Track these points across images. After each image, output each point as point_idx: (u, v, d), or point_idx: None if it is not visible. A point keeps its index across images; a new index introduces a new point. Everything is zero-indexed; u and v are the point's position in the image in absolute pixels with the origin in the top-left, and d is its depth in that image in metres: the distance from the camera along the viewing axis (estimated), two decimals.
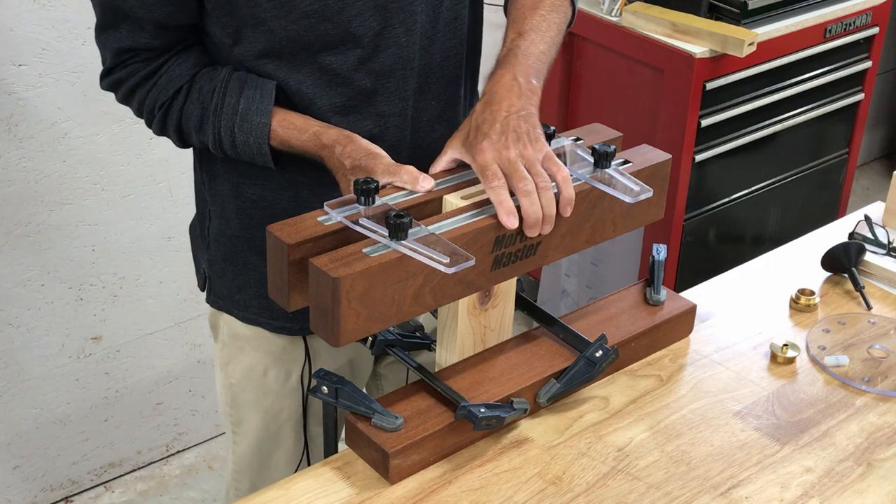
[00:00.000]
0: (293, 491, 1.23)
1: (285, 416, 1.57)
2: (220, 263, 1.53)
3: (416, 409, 1.28)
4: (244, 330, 1.54)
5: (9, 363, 2.35)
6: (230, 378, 1.58)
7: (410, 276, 1.18)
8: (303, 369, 1.54)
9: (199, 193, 1.55)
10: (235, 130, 1.36)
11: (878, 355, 1.49)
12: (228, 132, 1.36)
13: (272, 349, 1.53)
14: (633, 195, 1.32)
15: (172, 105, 1.39)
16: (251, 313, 1.52)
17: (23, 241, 2.26)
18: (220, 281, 1.54)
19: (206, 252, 1.55)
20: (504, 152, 1.24)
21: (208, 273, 1.56)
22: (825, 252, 1.65)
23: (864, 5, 2.86)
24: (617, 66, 2.73)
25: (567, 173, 1.27)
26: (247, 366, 1.55)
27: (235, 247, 1.50)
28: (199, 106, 1.38)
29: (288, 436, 1.58)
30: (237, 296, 1.52)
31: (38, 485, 2.51)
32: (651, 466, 1.28)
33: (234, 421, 1.60)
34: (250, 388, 1.56)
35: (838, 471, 1.29)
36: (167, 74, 1.38)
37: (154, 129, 1.44)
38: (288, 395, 1.55)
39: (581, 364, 1.34)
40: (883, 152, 4.26)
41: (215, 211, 1.50)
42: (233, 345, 1.56)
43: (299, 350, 1.53)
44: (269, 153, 1.37)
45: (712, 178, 2.77)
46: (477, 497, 1.23)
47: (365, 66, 1.35)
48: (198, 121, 1.38)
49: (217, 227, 1.51)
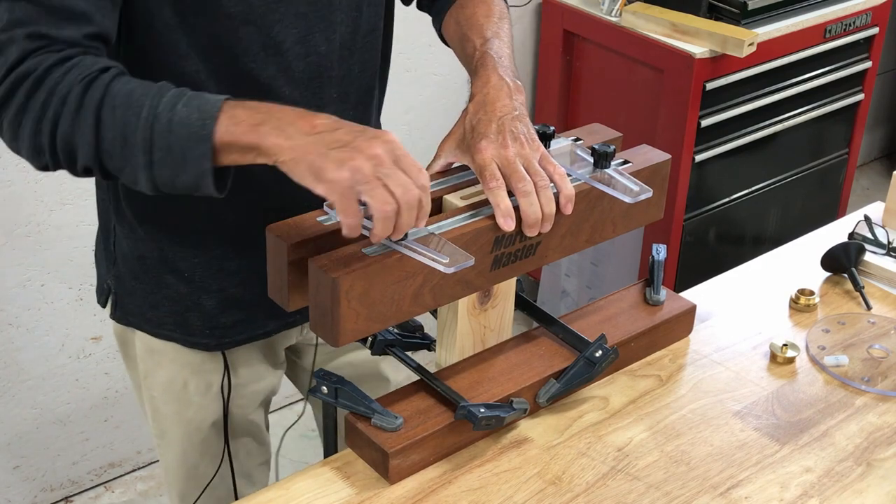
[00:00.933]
0: (293, 491, 1.24)
1: (208, 426, 1.55)
2: (129, 281, 1.47)
3: (415, 409, 1.28)
4: (159, 345, 1.50)
5: (9, 363, 2.35)
6: (151, 391, 1.55)
7: (410, 276, 1.18)
8: (223, 380, 1.52)
9: (103, 208, 1.47)
10: (179, 106, 1.14)
11: (878, 355, 1.49)
12: (168, 107, 1.14)
13: (191, 361, 1.50)
14: (632, 195, 1.32)
15: (97, 79, 1.15)
16: (166, 329, 1.48)
17: (23, 241, 2.26)
18: (129, 298, 1.48)
19: (111, 268, 1.49)
20: (502, 151, 1.24)
21: (115, 289, 1.49)
22: (825, 252, 1.65)
23: (864, 5, 2.86)
24: (617, 66, 2.73)
25: (563, 171, 1.27)
26: (165, 379, 1.52)
27: (146, 265, 1.44)
28: (133, 84, 1.17)
29: (212, 444, 1.57)
30: (149, 313, 1.47)
31: (38, 485, 2.51)
32: (651, 466, 1.28)
33: (158, 433, 1.59)
34: (171, 400, 1.54)
35: (838, 471, 1.29)
36: (86, 60, 1.18)
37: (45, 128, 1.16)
38: (209, 404, 1.53)
39: (581, 364, 1.34)
40: (883, 152, 4.26)
41: (123, 231, 1.44)
42: (149, 359, 1.52)
43: (217, 361, 1.51)
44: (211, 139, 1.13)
45: (712, 178, 2.77)
46: (477, 497, 1.23)
47: (284, 74, 1.32)
48: (126, 97, 1.15)
49: (125, 246, 1.45)
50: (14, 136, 1.18)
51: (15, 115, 1.16)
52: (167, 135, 1.13)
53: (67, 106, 1.14)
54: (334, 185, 1.09)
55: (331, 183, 1.09)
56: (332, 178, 1.09)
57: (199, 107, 1.13)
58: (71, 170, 1.19)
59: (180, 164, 1.13)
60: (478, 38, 1.39)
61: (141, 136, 1.13)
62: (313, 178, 1.10)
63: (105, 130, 1.14)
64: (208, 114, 1.12)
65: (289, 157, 1.11)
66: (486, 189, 1.24)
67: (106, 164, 1.16)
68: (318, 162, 1.09)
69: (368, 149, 1.10)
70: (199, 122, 1.12)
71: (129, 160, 1.14)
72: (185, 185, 1.15)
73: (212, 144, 1.12)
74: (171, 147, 1.13)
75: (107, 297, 1.52)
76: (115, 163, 1.16)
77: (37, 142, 1.16)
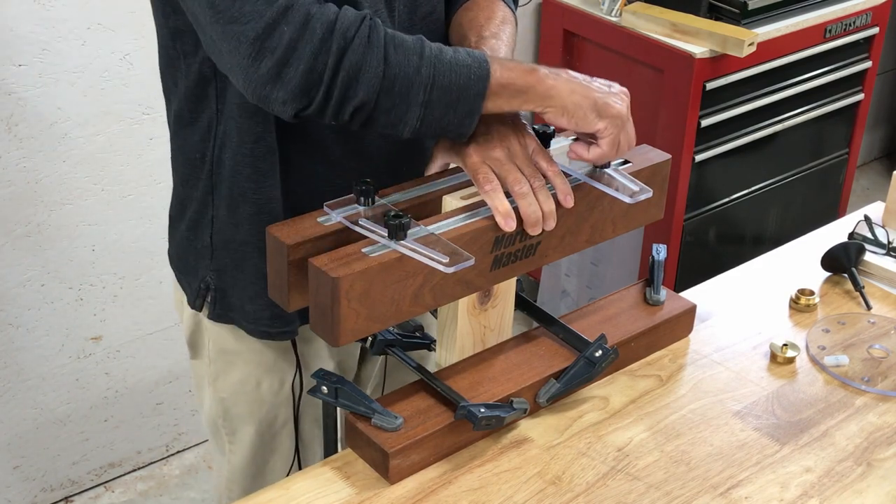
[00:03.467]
0: (293, 491, 1.24)
1: (280, 423, 1.56)
2: (230, 272, 1.45)
3: (415, 408, 1.28)
4: (233, 344, 1.50)
5: (9, 363, 2.35)
6: (220, 393, 1.55)
7: (410, 276, 1.18)
8: (294, 377, 1.53)
9: (196, 199, 1.46)
10: (450, 51, 1.22)
11: (878, 355, 1.49)
12: (444, 52, 1.21)
13: (264, 360, 1.51)
14: (632, 195, 1.32)
15: (374, 22, 1.20)
16: (261, 325, 1.46)
17: (23, 241, 2.26)
18: (231, 291, 1.47)
19: (210, 262, 1.47)
20: (491, 152, 1.24)
21: (215, 285, 1.48)
22: (825, 252, 1.65)
23: (864, 5, 2.87)
24: (617, 66, 2.73)
25: (557, 167, 1.27)
26: (238, 379, 1.53)
27: (246, 253, 1.44)
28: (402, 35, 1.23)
29: (283, 442, 1.58)
30: (248, 306, 1.46)
31: (38, 485, 2.51)
32: (651, 466, 1.28)
33: (229, 432, 1.59)
34: (243, 400, 1.54)
35: (838, 471, 1.29)
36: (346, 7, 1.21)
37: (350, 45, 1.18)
38: (282, 403, 1.54)
39: (581, 364, 1.34)
40: (883, 152, 4.26)
41: (222, 217, 1.44)
42: (221, 360, 1.52)
43: (290, 358, 1.52)
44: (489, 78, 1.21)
45: (712, 178, 2.77)
46: (477, 497, 1.23)
47: None
48: (405, 42, 1.21)
49: (226, 233, 1.44)
50: (277, 74, 1.17)
51: (284, 53, 1.16)
52: (449, 73, 1.20)
53: (356, 40, 1.17)
54: (616, 119, 1.27)
55: (614, 117, 1.26)
56: (616, 112, 1.26)
57: (469, 52, 1.23)
58: (338, 106, 1.20)
59: (455, 102, 1.21)
60: (474, 37, 1.39)
61: (426, 72, 1.20)
62: (596, 114, 1.25)
63: (391, 67, 1.19)
64: (481, 58, 1.22)
65: (567, 99, 1.24)
66: (481, 192, 1.24)
67: (382, 99, 1.20)
68: (602, 99, 1.26)
69: (620, 93, 1.29)
70: (476, 64, 1.21)
71: (405, 97, 1.20)
72: (450, 124, 1.23)
73: (488, 84, 1.21)
74: (451, 86, 1.20)
75: (204, 298, 1.49)
76: (391, 99, 1.20)
77: (311, 76, 1.17)
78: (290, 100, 1.19)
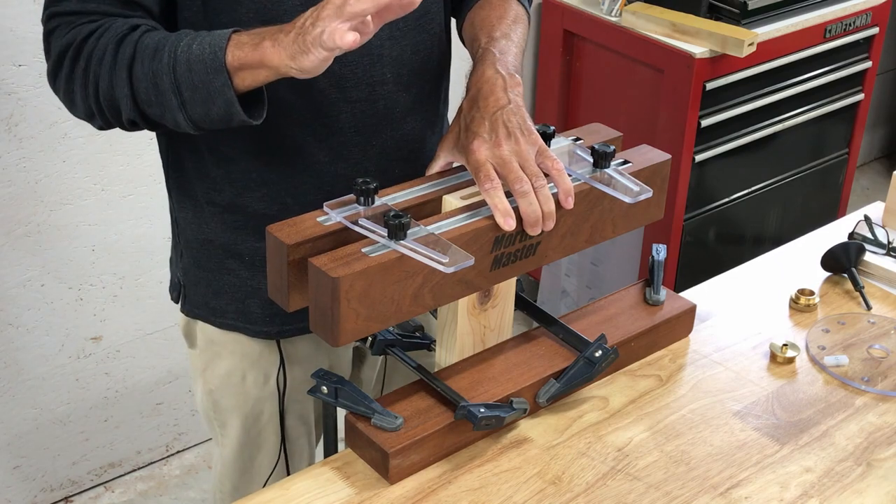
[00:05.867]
0: (293, 491, 1.24)
1: (265, 419, 1.57)
2: (193, 270, 1.51)
3: (415, 409, 1.28)
4: (220, 336, 1.53)
5: (9, 363, 2.35)
6: (209, 384, 1.57)
7: (410, 275, 1.18)
8: (278, 372, 1.54)
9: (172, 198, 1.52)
10: (194, 46, 1.22)
11: (878, 355, 1.49)
12: (185, 49, 1.23)
13: (249, 353, 1.53)
14: (632, 195, 1.32)
15: (127, 37, 1.25)
16: (228, 319, 1.51)
17: (23, 241, 2.26)
18: (195, 288, 1.52)
19: (179, 260, 1.54)
20: (496, 150, 1.24)
21: (182, 281, 1.54)
22: (825, 252, 1.65)
23: (864, 5, 2.87)
24: (617, 66, 2.73)
25: (561, 166, 1.27)
26: (224, 371, 1.55)
27: (209, 252, 1.48)
28: (158, 35, 1.26)
29: (269, 438, 1.59)
30: (213, 302, 1.51)
31: (38, 485, 2.51)
32: (650, 466, 1.28)
33: (220, 424, 1.60)
34: (230, 393, 1.56)
35: (838, 471, 1.29)
36: (117, 22, 1.27)
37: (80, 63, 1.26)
38: (267, 398, 1.55)
39: (581, 364, 1.34)
40: (883, 152, 4.26)
41: (188, 216, 1.48)
42: (209, 350, 1.55)
43: (275, 353, 1.53)
44: (225, 68, 1.21)
45: (712, 178, 2.77)
46: (476, 497, 1.23)
47: None
48: (152, 49, 1.24)
49: (190, 232, 1.49)
50: (71, 104, 1.31)
51: (66, 86, 1.28)
52: (188, 74, 1.22)
53: (104, 66, 1.24)
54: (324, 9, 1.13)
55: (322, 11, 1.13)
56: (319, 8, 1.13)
57: (210, 42, 1.22)
58: (120, 125, 1.30)
59: (207, 98, 1.22)
60: (485, 37, 1.39)
61: (168, 80, 1.22)
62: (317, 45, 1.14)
63: (138, 82, 1.24)
64: (218, 46, 1.21)
65: (296, 59, 1.17)
66: (482, 190, 1.24)
67: (147, 113, 1.26)
68: (311, 25, 1.14)
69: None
70: (212, 56, 1.21)
71: (164, 105, 1.24)
72: (220, 117, 1.24)
73: (227, 73, 1.20)
74: (195, 85, 1.22)
75: (178, 293, 1.56)
76: (155, 110, 1.26)
77: (87, 105, 1.28)
78: (89, 122, 1.32)
